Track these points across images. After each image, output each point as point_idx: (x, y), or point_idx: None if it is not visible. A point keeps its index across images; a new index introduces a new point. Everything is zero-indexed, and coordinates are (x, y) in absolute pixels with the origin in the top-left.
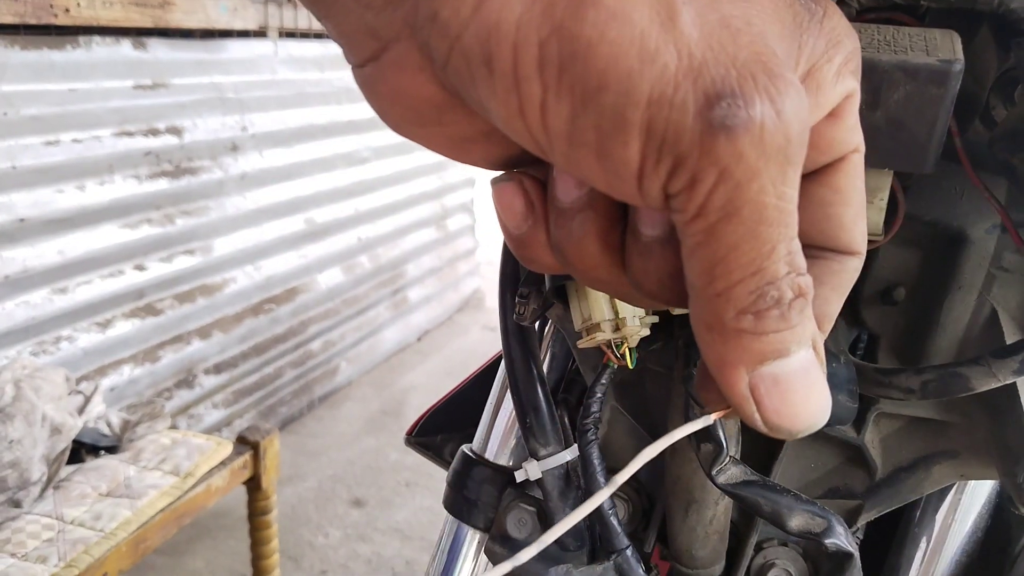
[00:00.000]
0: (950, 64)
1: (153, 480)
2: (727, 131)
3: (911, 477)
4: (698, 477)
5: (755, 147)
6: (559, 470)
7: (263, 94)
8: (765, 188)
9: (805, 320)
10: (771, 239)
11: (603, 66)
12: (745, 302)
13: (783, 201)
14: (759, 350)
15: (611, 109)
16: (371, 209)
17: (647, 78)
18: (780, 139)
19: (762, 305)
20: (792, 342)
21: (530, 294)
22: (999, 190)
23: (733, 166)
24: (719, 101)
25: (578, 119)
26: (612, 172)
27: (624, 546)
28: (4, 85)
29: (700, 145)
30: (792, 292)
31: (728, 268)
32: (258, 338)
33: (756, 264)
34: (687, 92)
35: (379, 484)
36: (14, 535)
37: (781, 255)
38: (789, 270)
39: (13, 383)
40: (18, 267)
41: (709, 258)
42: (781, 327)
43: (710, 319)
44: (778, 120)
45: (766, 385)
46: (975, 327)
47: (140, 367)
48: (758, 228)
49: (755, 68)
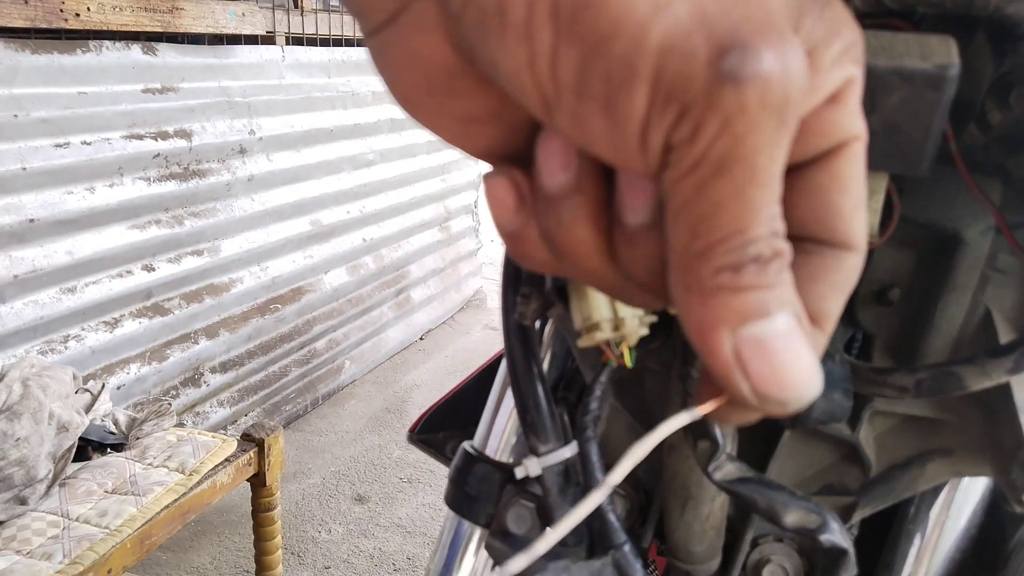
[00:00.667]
0: (946, 69)
1: (159, 477)
2: (735, 82)
3: (905, 474)
4: (695, 474)
5: (758, 101)
6: (559, 467)
7: (271, 98)
8: (760, 146)
9: (784, 281)
10: (757, 200)
11: (615, 14)
12: (724, 260)
13: (773, 164)
14: (739, 307)
15: (621, 57)
16: (376, 211)
17: (658, 27)
18: (781, 96)
19: (741, 259)
20: (772, 302)
21: (531, 294)
22: (994, 192)
23: (736, 117)
24: (730, 51)
25: (587, 68)
26: (617, 124)
27: (622, 542)
28: (15, 88)
29: (707, 94)
30: (769, 251)
31: (712, 225)
32: (264, 337)
33: (740, 223)
34: (698, 41)
35: (382, 480)
36: (19, 532)
37: (764, 218)
38: (770, 230)
39: (21, 381)
40: (28, 267)
41: (694, 215)
42: (760, 282)
43: (689, 280)
44: (783, 77)
45: (750, 348)
46: (969, 327)
47: (147, 366)
48: (746, 188)
49: (765, 25)
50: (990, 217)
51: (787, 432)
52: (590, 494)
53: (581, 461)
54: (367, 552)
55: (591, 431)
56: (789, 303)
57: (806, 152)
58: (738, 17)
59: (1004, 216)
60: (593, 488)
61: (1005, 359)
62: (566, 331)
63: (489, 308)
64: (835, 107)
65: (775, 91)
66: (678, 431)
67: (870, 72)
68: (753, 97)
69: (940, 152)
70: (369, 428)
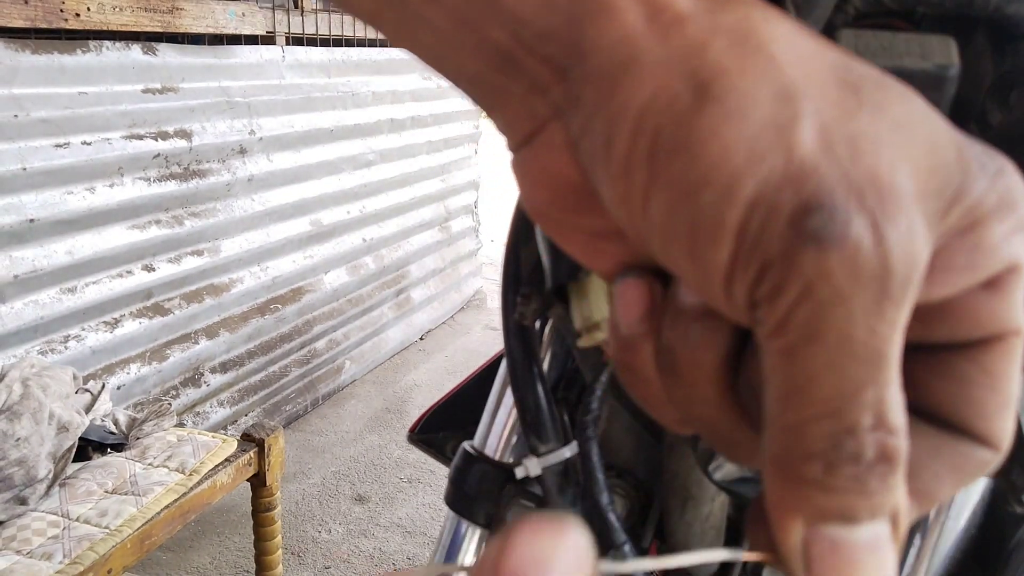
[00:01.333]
0: (946, 69)
1: (159, 477)
2: (817, 244)
3: None
4: (695, 473)
5: (845, 268)
6: (559, 467)
7: (271, 98)
8: (853, 317)
9: (887, 489)
10: (855, 378)
11: (709, 163)
12: (817, 446)
13: (875, 338)
14: (822, 505)
15: (709, 207)
16: (376, 211)
17: (750, 179)
18: (876, 266)
19: (835, 456)
20: (863, 509)
21: (531, 294)
22: None
23: (818, 283)
24: (815, 212)
25: (676, 213)
26: (702, 272)
27: (622, 541)
28: (15, 88)
29: (787, 253)
30: (874, 452)
31: (804, 399)
32: (264, 337)
33: (835, 403)
34: (786, 197)
35: (382, 480)
36: (19, 532)
37: (867, 401)
38: (876, 423)
39: (21, 381)
40: (28, 267)
41: (786, 383)
42: (852, 488)
43: (778, 453)
44: (876, 244)
45: (822, 547)
46: None
47: (147, 366)
48: (841, 361)
49: (865, 187)
50: None
51: None
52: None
53: (581, 461)
54: (367, 552)
55: (591, 431)
56: (887, 511)
57: (953, 336)
58: (837, 175)
59: None
60: (594, 486)
61: None
62: (566, 331)
63: (489, 308)
64: (993, 294)
65: (867, 259)
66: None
67: None
68: (837, 263)
69: None
70: (369, 428)
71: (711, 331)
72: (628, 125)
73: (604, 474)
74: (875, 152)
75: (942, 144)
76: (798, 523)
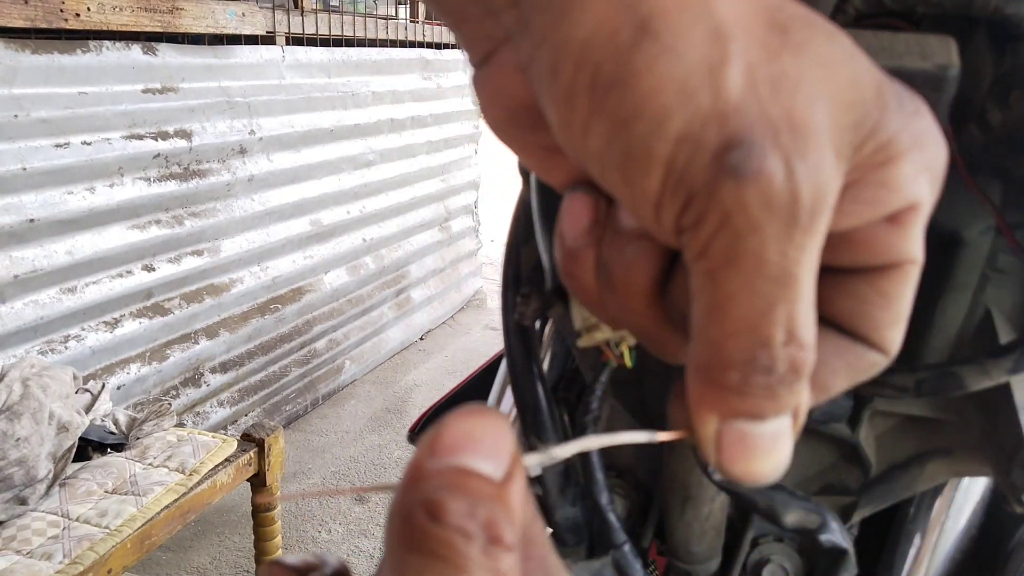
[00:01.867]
0: (946, 69)
1: (159, 477)
2: (735, 177)
3: (905, 474)
4: (695, 474)
5: (759, 199)
6: (559, 467)
7: (271, 98)
8: (766, 244)
9: (793, 395)
10: (768, 297)
11: (643, 97)
12: (735, 358)
13: (786, 262)
14: (736, 406)
15: (641, 139)
16: (376, 211)
17: (680, 116)
18: (786, 198)
19: (750, 368)
20: (771, 410)
21: (531, 294)
22: (994, 192)
23: (735, 213)
24: (735, 148)
25: (612, 143)
26: (635, 198)
27: (622, 542)
28: (15, 88)
29: (709, 186)
30: (785, 365)
31: (724, 316)
32: (264, 337)
33: (751, 320)
34: (711, 134)
35: (382, 480)
36: (19, 532)
37: (779, 318)
38: (788, 339)
39: (21, 381)
40: (28, 267)
41: (709, 301)
42: (763, 394)
43: (701, 361)
44: (787, 178)
45: (731, 437)
46: (969, 327)
47: (147, 366)
48: (755, 282)
49: (781, 125)
50: (990, 217)
51: None
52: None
53: (581, 460)
54: (367, 552)
55: (591, 431)
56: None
57: (855, 262)
58: (756, 113)
59: (1004, 216)
60: (594, 486)
61: (1005, 359)
62: (566, 331)
63: (489, 308)
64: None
65: (779, 192)
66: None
67: None
68: (753, 195)
69: None
70: (369, 428)
71: (644, 251)
72: (572, 56)
73: (604, 474)
74: (794, 91)
75: (863, 81)
76: (713, 417)
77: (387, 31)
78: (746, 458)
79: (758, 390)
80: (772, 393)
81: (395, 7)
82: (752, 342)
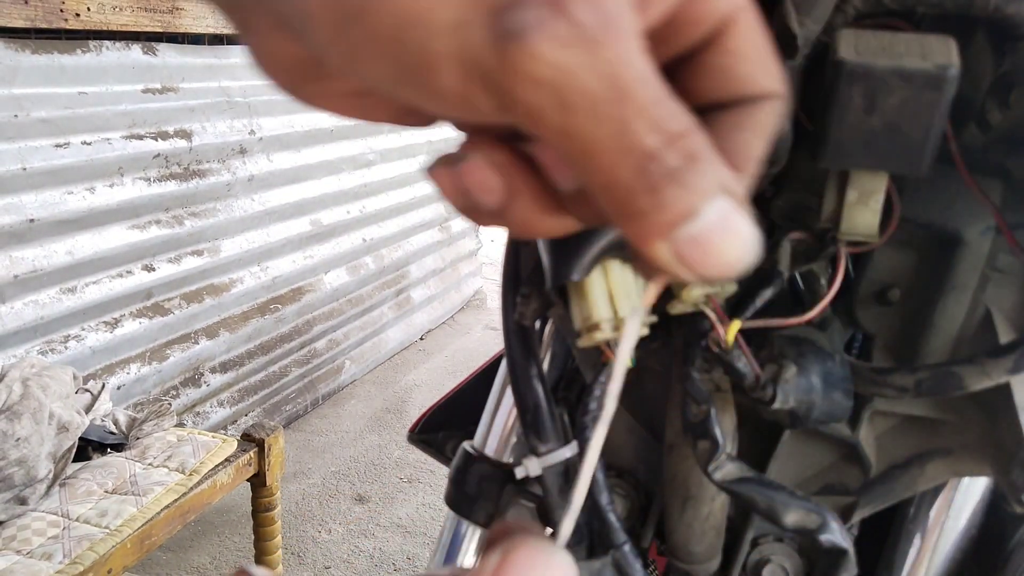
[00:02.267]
0: (946, 69)
1: (159, 477)
2: (517, 40)
3: (905, 474)
4: (695, 473)
5: (552, 45)
6: (559, 467)
7: (271, 98)
8: (584, 77)
9: (707, 178)
10: (620, 118)
11: (395, 8)
12: (633, 185)
13: (612, 80)
14: (666, 221)
15: (419, 47)
16: (376, 211)
17: (443, 7)
18: (575, 32)
19: (651, 182)
20: (697, 200)
21: (531, 294)
22: (994, 192)
23: (539, 71)
24: (506, 12)
25: (396, 66)
26: (447, 105)
27: (622, 542)
28: (15, 88)
29: (501, 62)
30: (679, 159)
31: (597, 162)
32: (264, 337)
33: (619, 145)
34: (479, 13)
35: (382, 480)
36: (19, 532)
37: (642, 129)
38: (666, 139)
39: (21, 381)
40: (28, 267)
41: (578, 160)
42: (678, 193)
43: (614, 208)
44: (563, 14)
45: (687, 247)
46: (969, 327)
47: (147, 366)
48: (600, 112)
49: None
50: (990, 217)
51: (787, 432)
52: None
53: (581, 461)
54: (367, 552)
55: (591, 431)
56: (716, 188)
57: (692, 39)
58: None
59: (1004, 216)
60: (595, 486)
61: (1005, 359)
62: (566, 331)
63: (489, 308)
64: (724, 54)
65: (566, 31)
66: (678, 432)
67: (871, 72)
68: (544, 45)
69: (940, 152)
70: (369, 428)
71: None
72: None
73: (604, 474)
74: None
75: None
76: (660, 244)
77: None
78: (710, 252)
79: (672, 193)
80: (686, 186)
81: None
82: (636, 163)
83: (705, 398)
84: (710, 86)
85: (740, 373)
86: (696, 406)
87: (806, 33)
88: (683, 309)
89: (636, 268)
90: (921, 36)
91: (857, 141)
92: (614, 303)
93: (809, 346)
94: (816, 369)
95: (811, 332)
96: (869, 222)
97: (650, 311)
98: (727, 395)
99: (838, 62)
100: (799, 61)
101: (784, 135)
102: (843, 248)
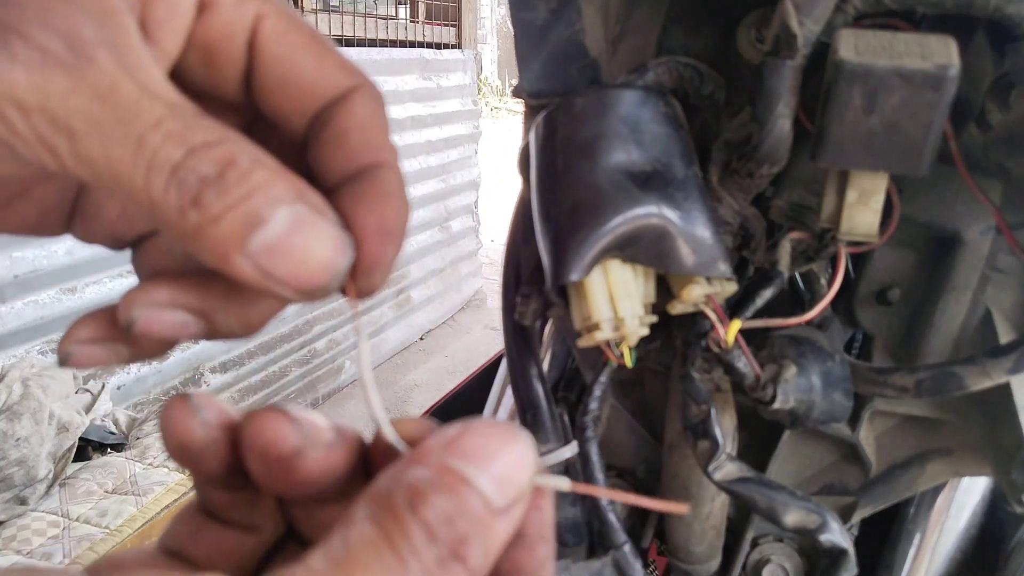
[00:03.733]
0: (945, 69)
1: (159, 477)
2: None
3: (905, 474)
4: (695, 474)
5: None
6: (559, 467)
7: None
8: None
9: (261, 184)
10: (133, 135)
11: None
12: (173, 198)
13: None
14: (229, 231)
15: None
16: None
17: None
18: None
19: (189, 193)
20: (263, 207)
21: (531, 294)
22: (993, 192)
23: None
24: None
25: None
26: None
27: (622, 542)
28: None
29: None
30: (214, 167)
31: (128, 182)
32: (264, 337)
33: (142, 161)
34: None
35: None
36: (19, 532)
37: (155, 142)
38: (189, 148)
39: (21, 381)
40: (28, 267)
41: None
42: (227, 200)
43: (174, 232)
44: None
45: (266, 257)
46: (969, 327)
47: (147, 365)
48: (106, 133)
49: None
50: (990, 217)
51: (787, 432)
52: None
53: (581, 460)
54: None
55: (591, 431)
56: (283, 194)
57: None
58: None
59: (1004, 216)
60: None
61: (1005, 359)
62: (566, 331)
63: (489, 308)
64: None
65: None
66: (678, 432)
67: (871, 72)
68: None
69: (940, 152)
70: (369, 428)
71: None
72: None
73: (604, 474)
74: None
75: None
76: (239, 258)
77: (387, 31)
78: (291, 259)
79: (217, 201)
80: (228, 194)
81: (395, 7)
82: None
83: (705, 398)
84: (334, 160)
85: (740, 373)
86: (696, 406)
87: (806, 33)
88: (683, 309)
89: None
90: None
91: (857, 141)
92: (614, 303)
93: (809, 346)
94: (816, 369)
95: (811, 332)
96: (869, 222)
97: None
98: (727, 395)
99: (838, 62)
100: (799, 61)
101: (784, 135)
102: (843, 248)
